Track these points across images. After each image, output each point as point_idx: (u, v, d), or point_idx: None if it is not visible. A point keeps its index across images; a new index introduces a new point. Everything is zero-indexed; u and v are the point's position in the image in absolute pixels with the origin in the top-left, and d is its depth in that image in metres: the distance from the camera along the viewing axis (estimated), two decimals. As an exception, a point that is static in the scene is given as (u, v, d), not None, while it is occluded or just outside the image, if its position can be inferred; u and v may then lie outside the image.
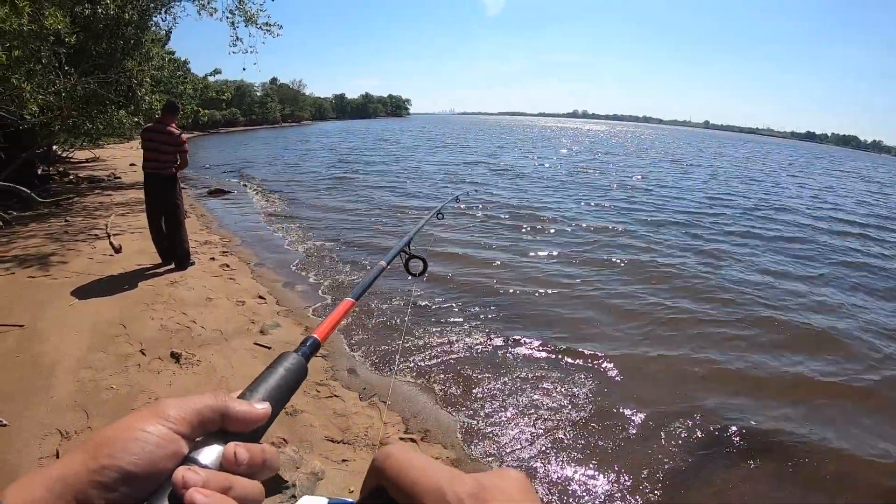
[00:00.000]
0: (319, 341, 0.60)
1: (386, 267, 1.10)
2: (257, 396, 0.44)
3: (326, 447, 2.98)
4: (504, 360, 4.32)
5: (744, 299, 6.03)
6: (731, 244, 9.07)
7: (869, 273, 7.86)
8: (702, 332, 5.11)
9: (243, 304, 5.04)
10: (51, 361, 3.64)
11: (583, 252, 7.87)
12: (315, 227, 8.97)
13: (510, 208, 11.32)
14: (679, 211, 12.27)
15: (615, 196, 14.13)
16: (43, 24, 6.83)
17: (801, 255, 8.61)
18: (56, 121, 9.07)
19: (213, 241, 7.51)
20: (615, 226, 9.93)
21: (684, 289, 6.33)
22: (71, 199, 9.86)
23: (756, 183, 20.71)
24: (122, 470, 0.34)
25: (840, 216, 13.40)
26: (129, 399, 3.25)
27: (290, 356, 0.51)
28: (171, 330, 4.31)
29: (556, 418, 3.53)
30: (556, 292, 5.97)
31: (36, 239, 6.84)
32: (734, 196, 15.74)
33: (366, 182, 14.94)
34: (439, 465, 0.36)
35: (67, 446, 2.77)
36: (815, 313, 5.82)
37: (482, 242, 8.20)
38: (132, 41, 10.01)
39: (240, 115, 58.11)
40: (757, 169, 28.85)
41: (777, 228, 10.92)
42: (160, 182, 5.66)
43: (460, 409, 3.58)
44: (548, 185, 15.72)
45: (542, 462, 3.09)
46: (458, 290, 5.91)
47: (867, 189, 23.10)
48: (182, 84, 13.47)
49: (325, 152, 25.41)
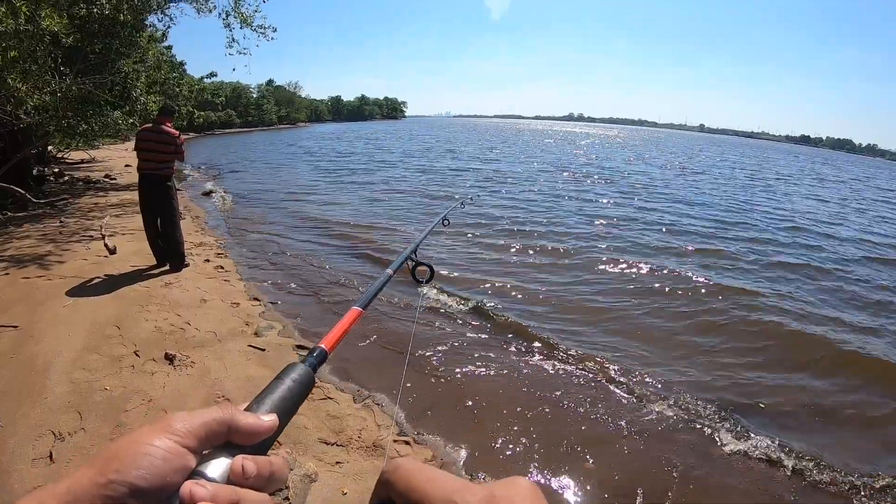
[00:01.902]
0: (327, 352, 0.59)
1: (392, 275, 1.07)
2: (264, 408, 0.44)
3: (320, 449, 2.99)
4: (500, 365, 4.33)
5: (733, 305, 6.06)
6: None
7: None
8: (706, 342, 5.14)
9: (237, 306, 5.04)
10: (45, 362, 3.64)
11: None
12: (302, 236, 8.93)
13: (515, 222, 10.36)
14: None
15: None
16: (39, 24, 6.82)
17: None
18: (51, 121, 9.05)
19: (207, 243, 7.51)
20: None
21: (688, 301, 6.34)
22: (66, 200, 9.84)
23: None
24: (130, 484, 0.34)
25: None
26: (123, 400, 3.26)
27: (297, 367, 0.50)
28: (165, 331, 4.31)
29: (549, 422, 3.55)
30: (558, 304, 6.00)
31: (31, 240, 6.83)
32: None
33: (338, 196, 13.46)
34: (449, 475, 0.37)
35: (61, 448, 2.77)
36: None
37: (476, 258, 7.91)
38: (127, 41, 10.00)
39: (236, 117, 57.98)
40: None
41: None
42: (156, 183, 5.67)
43: (455, 413, 3.60)
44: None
45: (535, 467, 3.11)
46: (454, 295, 5.92)
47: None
48: (178, 85, 13.46)
49: (307, 157, 24.92)
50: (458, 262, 7.42)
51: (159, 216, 5.80)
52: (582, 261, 7.74)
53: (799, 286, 7.15)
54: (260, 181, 15.73)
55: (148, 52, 11.36)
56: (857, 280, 7.64)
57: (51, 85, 7.84)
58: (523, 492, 0.35)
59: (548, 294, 6.14)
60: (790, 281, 7.37)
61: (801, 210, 15.02)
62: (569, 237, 9.35)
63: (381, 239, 8.52)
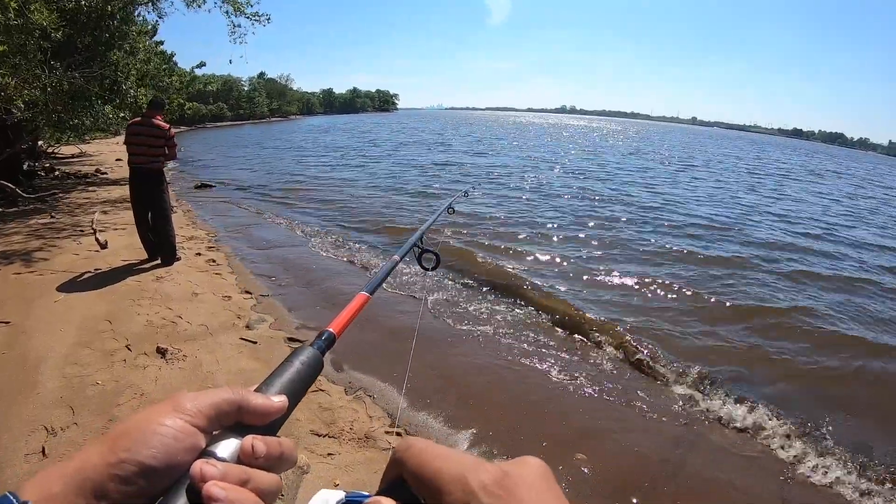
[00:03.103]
0: (335, 335, 0.59)
1: (399, 261, 1.08)
2: (273, 390, 0.44)
3: (312, 441, 3.01)
4: (500, 359, 4.33)
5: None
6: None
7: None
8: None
9: (229, 299, 5.05)
10: (36, 358, 3.65)
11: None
12: (294, 230, 8.91)
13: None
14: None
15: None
16: (29, 18, 6.77)
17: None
18: (41, 116, 8.99)
19: (198, 237, 7.50)
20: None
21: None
22: (56, 195, 9.79)
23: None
24: (140, 463, 0.34)
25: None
26: (116, 395, 3.27)
27: (305, 350, 0.51)
28: (156, 325, 4.32)
29: (543, 413, 3.58)
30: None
31: (21, 235, 6.81)
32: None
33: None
34: (461, 453, 0.37)
35: (53, 442, 2.79)
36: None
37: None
38: (117, 33, 9.92)
39: (227, 110, 57.59)
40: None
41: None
42: (147, 176, 5.66)
43: (450, 405, 3.62)
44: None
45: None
46: (455, 289, 5.95)
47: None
48: (168, 77, 13.38)
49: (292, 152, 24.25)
50: (463, 249, 7.43)
51: (150, 210, 5.79)
52: (595, 253, 7.72)
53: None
54: (252, 175, 15.63)
55: (138, 44, 11.27)
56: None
57: (41, 80, 7.78)
58: (535, 470, 0.35)
59: (559, 281, 6.14)
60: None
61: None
62: (582, 227, 9.36)
63: (376, 230, 8.56)
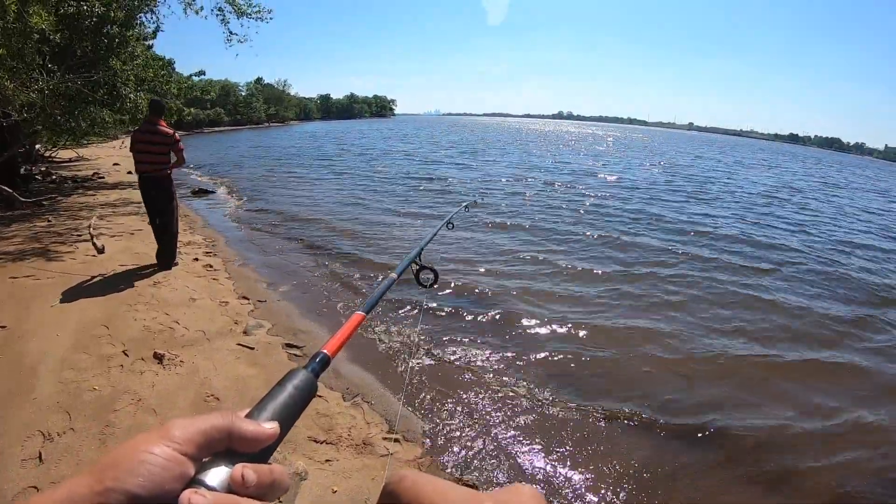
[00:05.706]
0: (329, 357, 0.58)
1: (397, 279, 1.05)
2: (265, 415, 0.44)
3: (310, 447, 3.01)
4: (496, 369, 4.34)
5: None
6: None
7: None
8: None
9: (226, 305, 5.04)
10: (33, 362, 3.63)
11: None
12: (296, 232, 8.94)
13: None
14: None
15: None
16: (27, 22, 6.77)
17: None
18: (39, 119, 8.98)
19: (196, 242, 7.49)
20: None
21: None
22: (54, 199, 9.76)
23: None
24: (127, 492, 0.34)
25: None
26: (112, 400, 3.26)
27: (299, 373, 0.50)
28: (153, 330, 4.31)
29: (535, 424, 3.59)
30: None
31: (18, 239, 6.78)
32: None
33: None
34: (454, 486, 0.37)
35: (50, 448, 2.77)
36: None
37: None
38: (117, 40, 9.93)
39: (224, 115, 57.58)
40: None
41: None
42: (156, 184, 5.70)
43: (446, 413, 3.62)
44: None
45: (530, 468, 3.14)
46: (451, 299, 5.95)
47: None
48: (166, 84, 13.39)
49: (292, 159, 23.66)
50: (461, 262, 7.34)
51: (158, 216, 5.82)
52: (590, 265, 7.51)
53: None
54: (249, 182, 15.56)
55: (137, 49, 11.28)
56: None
57: (38, 83, 7.78)
58: (528, 499, 0.35)
59: (555, 297, 6.06)
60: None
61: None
62: (592, 244, 8.95)
63: (370, 239, 8.53)
